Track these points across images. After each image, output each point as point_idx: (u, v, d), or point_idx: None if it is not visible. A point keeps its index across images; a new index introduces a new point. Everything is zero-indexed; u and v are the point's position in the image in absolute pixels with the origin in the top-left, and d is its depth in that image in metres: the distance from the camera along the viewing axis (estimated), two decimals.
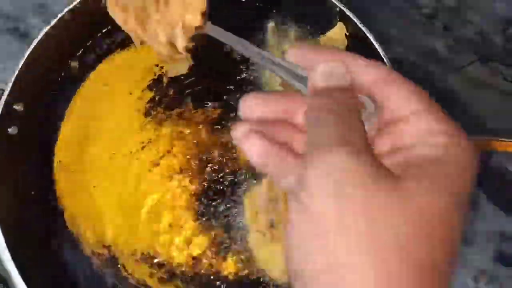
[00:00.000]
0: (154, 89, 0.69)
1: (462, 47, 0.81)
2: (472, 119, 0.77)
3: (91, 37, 0.71)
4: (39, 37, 0.63)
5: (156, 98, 0.69)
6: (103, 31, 0.71)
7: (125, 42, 0.70)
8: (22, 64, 0.62)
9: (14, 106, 0.63)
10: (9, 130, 0.63)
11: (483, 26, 0.82)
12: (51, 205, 0.67)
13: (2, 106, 0.60)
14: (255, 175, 0.66)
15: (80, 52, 0.71)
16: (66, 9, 0.64)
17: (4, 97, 0.61)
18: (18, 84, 0.62)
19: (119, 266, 0.65)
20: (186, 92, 0.70)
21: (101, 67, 0.70)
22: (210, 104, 0.69)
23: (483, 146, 0.76)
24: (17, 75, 0.62)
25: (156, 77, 0.69)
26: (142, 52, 0.69)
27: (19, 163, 0.65)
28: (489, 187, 0.75)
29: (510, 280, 0.72)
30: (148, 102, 0.69)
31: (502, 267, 0.73)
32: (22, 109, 0.63)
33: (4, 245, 0.58)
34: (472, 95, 0.79)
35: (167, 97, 0.69)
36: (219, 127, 0.68)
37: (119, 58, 0.70)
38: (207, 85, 0.70)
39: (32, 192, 0.66)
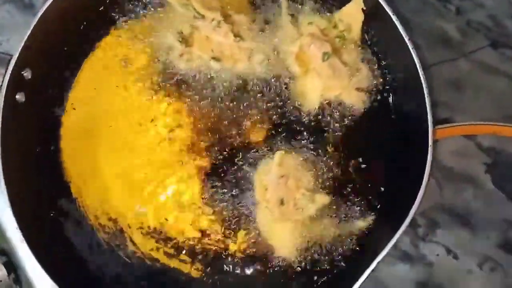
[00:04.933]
0: (166, 61, 0.67)
1: (474, 31, 0.80)
2: (481, 104, 0.77)
3: (100, 6, 0.69)
4: (46, 5, 0.62)
5: (167, 71, 0.67)
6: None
7: (136, 12, 0.69)
8: (30, 32, 0.61)
9: (22, 73, 0.61)
10: (17, 96, 0.61)
11: (495, 10, 0.81)
12: (57, 175, 0.66)
13: (10, 72, 0.59)
14: (266, 150, 0.65)
15: (90, 21, 0.69)
16: None
17: (12, 63, 0.59)
18: (27, 51, 0.61)
19: (126, 239, 0.65)
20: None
21: (110, 37, 0.68)
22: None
23: (491, 131, 0.76)
24: (25, 42, 0.60)
25: (167, 51, 0.67)
26: (154, 24, 0.68)
27: (26, 131, 0.64)
28: (496, 175, 0.75)
29: None
30: (159, 74, 0.67)
31: (506, 254, 0.73)
32: (30, 76, 0.62)
33: (12, 217, 0.58)
34: (482, 80, 0.78)
35: (178, 70, 0.67)
36: (232, 102, 0.66)
37: (129, 29, 0.69)
38: None
39: (39, 162, 0.65)
